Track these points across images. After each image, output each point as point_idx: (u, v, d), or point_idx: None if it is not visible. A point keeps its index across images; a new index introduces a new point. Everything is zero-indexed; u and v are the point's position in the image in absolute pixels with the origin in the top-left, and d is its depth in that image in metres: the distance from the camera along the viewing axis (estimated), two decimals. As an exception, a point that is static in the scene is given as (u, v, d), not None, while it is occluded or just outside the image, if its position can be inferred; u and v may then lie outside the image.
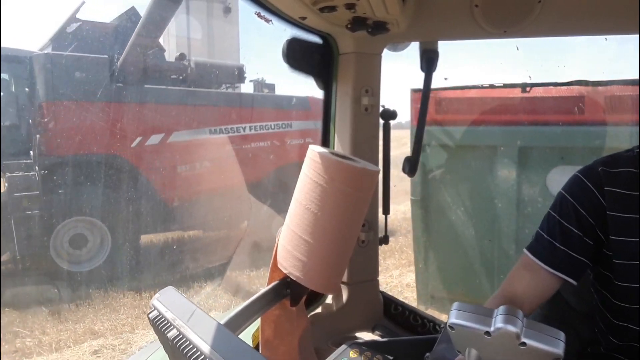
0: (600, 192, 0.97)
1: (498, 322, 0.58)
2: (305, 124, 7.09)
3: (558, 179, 2.97)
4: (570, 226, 0.99)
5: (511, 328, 0.57)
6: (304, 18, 1.19)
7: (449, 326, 0.62)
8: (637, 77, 2.40)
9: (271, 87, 7.93)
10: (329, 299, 1.50)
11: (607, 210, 0.96)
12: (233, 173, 6.23)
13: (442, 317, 1.51)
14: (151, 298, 0.86)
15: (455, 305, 0.63)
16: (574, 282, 1.00)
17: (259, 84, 7.81)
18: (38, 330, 4.47)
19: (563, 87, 3.08)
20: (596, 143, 2.88)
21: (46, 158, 5.25)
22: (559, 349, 0.56)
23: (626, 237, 0.95)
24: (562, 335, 0.57)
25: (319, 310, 1.49)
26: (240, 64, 7.66)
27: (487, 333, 0.59)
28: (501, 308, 0.60)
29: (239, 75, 7.24)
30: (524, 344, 0.57)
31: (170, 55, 7.44)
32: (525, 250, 1.06)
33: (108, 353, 4.15)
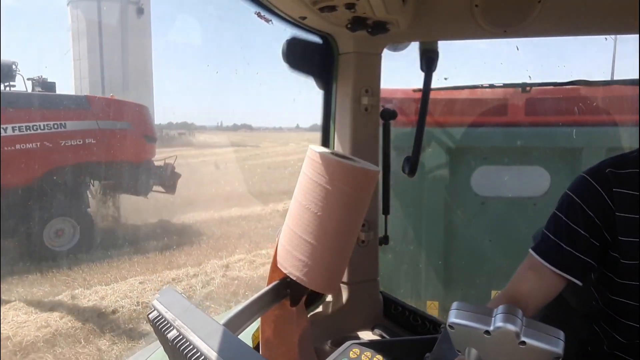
0: (609, 194, 0.97)
1: (498, 321, 0.58)
2: (84, 124, 6.94)
3: (482, 178, 3.13)
4: (577, 227, 0.99)
5: (511, 327, 0.57)
6: (304, 18, 1.19)
7: (449, 325, 0.62)
8: (637, 77, 2.40)
9: (50, 86, 7.65)
10: (329, 299, 1.50)
11: (616, 212, 0.96)
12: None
13: (442, 318, 1.50)
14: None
15: (455, 304, 0.63)
16: (579, 283, 1.00)
17: (37, 83, 7.53)
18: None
19: (491, 90, 3.26)
20: (517, 143, 3.10)
21: None
22: (559, 348, 0.56)
23: (635, 237, 0.95)
24: (561, 334, 0.57)
25: (319, 310, 1.49)
26: (11, 61, 7.32)
27: (487, 332, 0.59)
28: (500, 307, 0.60)
29: (8, 73, 7.00)
30: (523, 343, 0.57)
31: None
32: (531, 251, 1.06)
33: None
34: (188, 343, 0.72)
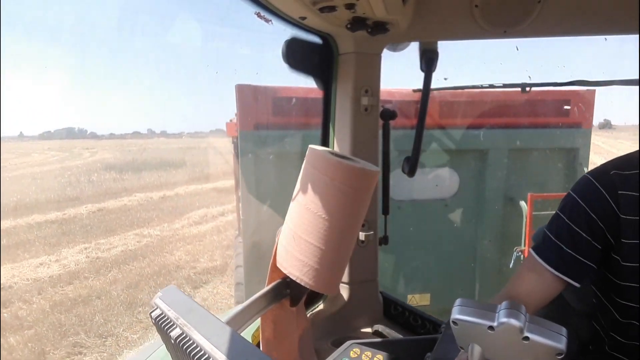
0: (613, 197, 0.96)
1: (501, 316, 0.58)
2: None
3: (397, 183, 3.21)
4: (580, 230, 0.98)
5: (515, 322, 0.57)
6: (303, 18, 1.19)
7: (453, 321, 0.61)
8: (637, 77, 2.41)
9: None
10: (329, 299, 1.50)
11: (621, 215, 0.95)
12: None
13: (442, 318, 1.51)
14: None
15: (458, 301, 0.63)
16: (577, 285, 1.00)
17: None
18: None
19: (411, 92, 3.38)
20: (431, 146, 3.30)
21: None
22: (562, 344, 0.56)
23: (638, 239, 0.94)
24: (564, 330, 0.57)
25: (319, 310, 1.49)
26: None
27: (491, 328, 0.58)
28: (504, 303, 0.60)
29: None
30: (527, 338, 0.57)
31: None
32: (531, 251, 1.05)
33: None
34: (191, 341, 0.72)
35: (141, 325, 5.56)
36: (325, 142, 1.49)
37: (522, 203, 3.68)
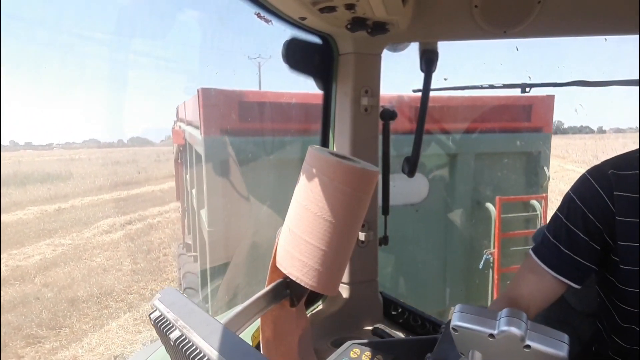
0: (610, 197, 0.94)
1: (502, 324, 0.57)
2: None
3: None
4: (577, 230, 0.97)
5: (515, 331, 0.56)
6: (303, 18, 1.19)
7: (452, 328, 0.61)
8: (637, 77, 2.41)
9: None
10: (329, 299, 1.50)
11: (616, 216, 0.93)
12: None
13: (442, 318, 1.51)
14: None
15: (458, 307, 0.62)
16: (577, 287, 0.98)
17: None
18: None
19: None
20: (403, 151, 3.30)
21: None
22: (563, 352, 0.55)
23: (634, 242, 0.93)
24: (566, 337, 0.57)
25: (319, 310, 1.49)
26: None
27: (491, 335, 0.58)
28: (505, 310, 0.59)
29: None
30: (528, 346, 0.56)
31: None
32: (530, 252, 1.04)
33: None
34: (191, 343, 0.72)
35: (89, 317, 6.00)
36: (325, 142, 1.49)
37: (490, 206, 3.73)
